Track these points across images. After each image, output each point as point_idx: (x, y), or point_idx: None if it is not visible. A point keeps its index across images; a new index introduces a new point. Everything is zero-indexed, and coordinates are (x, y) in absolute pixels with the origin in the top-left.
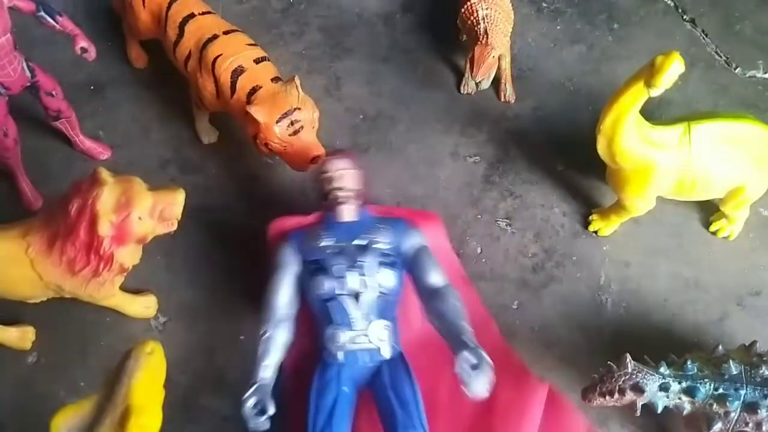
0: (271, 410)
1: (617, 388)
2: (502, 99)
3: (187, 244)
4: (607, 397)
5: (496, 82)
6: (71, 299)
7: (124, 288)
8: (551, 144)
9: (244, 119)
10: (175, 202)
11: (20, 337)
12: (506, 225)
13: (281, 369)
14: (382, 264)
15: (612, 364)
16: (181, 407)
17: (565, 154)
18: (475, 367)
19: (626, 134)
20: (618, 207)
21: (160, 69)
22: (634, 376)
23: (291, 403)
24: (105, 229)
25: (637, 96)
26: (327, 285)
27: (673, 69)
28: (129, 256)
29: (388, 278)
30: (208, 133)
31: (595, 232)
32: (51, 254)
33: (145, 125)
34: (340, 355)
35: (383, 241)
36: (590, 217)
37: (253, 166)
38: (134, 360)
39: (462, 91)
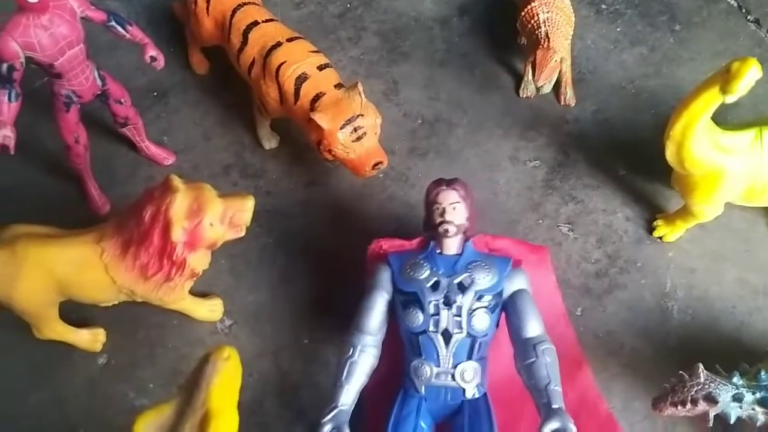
0: None
1: (689, 398)
2: (562, 102)
3: (250, 248)
4: (679, 407)
5: (556, 85)
6: (140, 303)
7: (190, 292)
8: (612, 147)
9: (308, 126)
10: (245, 208)
11: (91, 339)
12: (568, 230)
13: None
14: (479, 307)
15: (683, 373)
16: (248, 411)
17: (627, 158)
18: None
19: (697, 140)
20: (685, 212)
21: (221, 75)
22: (706, 386)
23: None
24: (178, 235)
25: (710, 102)
26: (419, 320)
27: (750, 75)
28: (200, 261)
29: (482, 321)
30: (269, 138)
31: (660, 238)
32: (124, 259)
33: (207, 130)
34: (422, 389)
35: (484, 282)
36: (654, 223)
37: (314, 171)
38: (212, 365)
39: (521, 95)
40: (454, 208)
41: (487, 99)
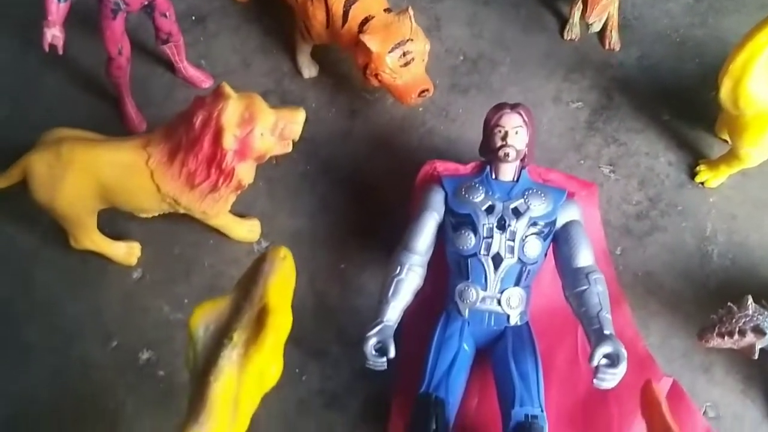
0: (392, 353)
1: (737, 329)
2: (607, 46)
3: (289, 173)
4: (726, 338)
5: (602, 29)
6: (177, 221)
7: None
8: (656, 93)
9: (355, 49)
10: (296, 120)
11: (127, 252)
12: (610, 171)
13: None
14: (532, 233)
15: (732, 305)
16: None
17: (671, 104)
18: (611, 364)
19: (755, 77)
20: (730, 157)
21: (260, 1)
22: (754, 318)
23: (405, 350)
24: (229, 142)
25: None
26: (471, 242)
27: None
28: (247, 173)
29: (534, 248)
30: (309, 66)
31: (702, 183)
32: (171, 166)
33: (246, 57)
34: (466, 312)
35: (539, 209)
36: (697, 168)
37: (353, 103)
38: (269, 263)
39: (565, 37)
40: (516, 133)
41: (531, 39)
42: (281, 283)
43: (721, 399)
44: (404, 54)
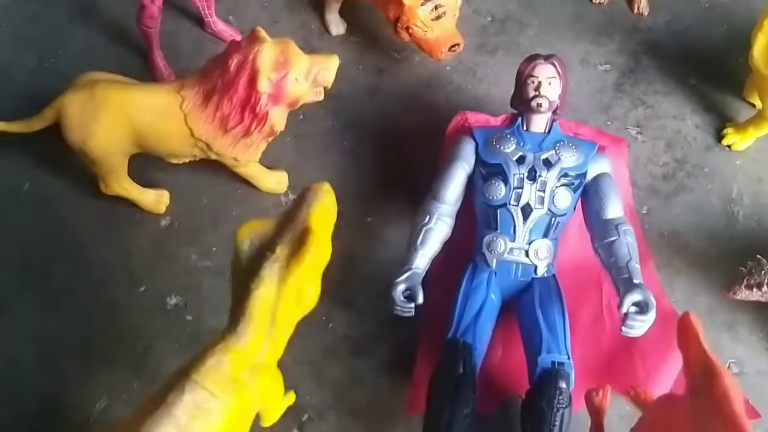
0: (420, 299)
1: (766, 281)
2: (635, 11)
3: (316, 129)
4: (754, 290)
5: None
6: (205, 171)
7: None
8: (684, 58)
9: (386, 2)
10: (330, 66)
11: (156, 200)
12: (637, 133)
13: None
14: (563, 184)
15: (761, 257)
16: None
17: (699, 69)
18: (640, 311)
19: None
20: (759, 119)
21: None
22: None
23: (432, 300)
24: (264, 85)
25: None
26: (501, 192)
27: None
28: (279, 118)
29: (564, 199)
30: (337, 24)
31: (729, 146)
32: (205, 109)
33: (274, 13)
34: (494, 263)
35: (570, 161)
36: (724, 131)
37: (380, 60)
38: (314, 193)
39: (594, 1)
40: (550, 83)
41: (560, 2)
42: (323, 211)
43: (745, 356)
44: (436, 8)
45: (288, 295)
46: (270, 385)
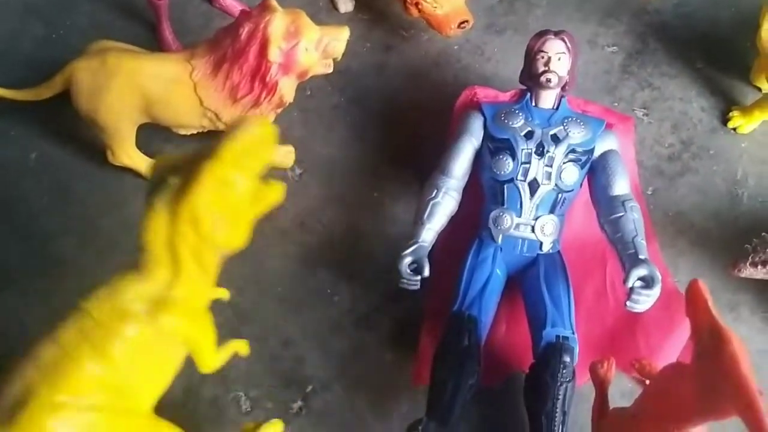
0: (426, 272)
1: None
2: None
3: (323, 104)
4: (759, 267)
5: None
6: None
7: None
8: (692, 41)
9: None
10: (340, 37)
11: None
12: (643, 115)
13: None
14: (570, 160)
15: (766, 235)
16: (317, 255)
17: (706, 52)
18: (645, 286)
19: None
20: (765, 102)
21: None
22: None
23: (438, 274)
24: (275, 54)
25: None
26: (509, 167)
27: None
28: (289, 89)
29: (571, 175)
30: (345, 1)
31: (734, 129)
32: (215, 78)
33: None
34: (500, 238)
35: (578, 137)
36: (730, 114)
37: (388, 38)
38: (240, 125)
39: None
40: (559, 59)
41: None
42: (242, 144)
43: (747, 336)
44: None
45: (181, 226)
46: (185, 325)
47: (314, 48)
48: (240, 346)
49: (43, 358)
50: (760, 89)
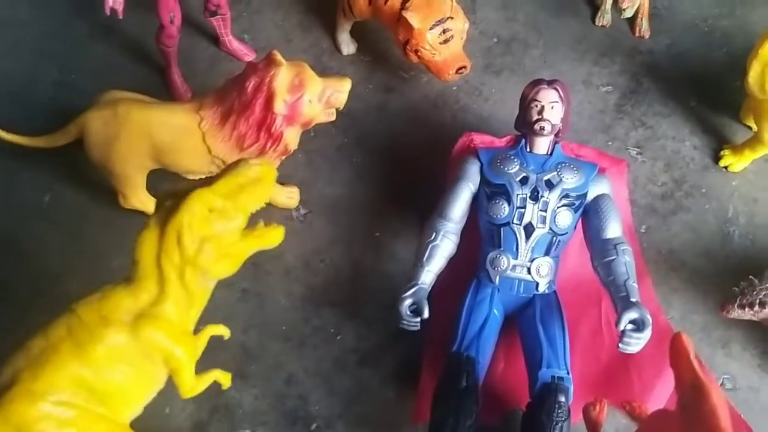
0: (426, 313)
1: (758, 301)
2: (637, 33)
3: (327, 145)
4: (746, 309)
5: (633, 16)
6: None
7: None
8: (684, 80)
9: (396, 25)
10: (342, 89)
11: None
12: (637, 153)
13: None
14: (564, 204)
15: (753, 278)
16: (321, 293)
17: (698, 91)
18: (636, 329)
19: None
20: (755, 142)
21: None
22: None
23: (437, 314)
24: (280, 107)
25: None
26: (505, 212)
27: None
28: (293, 138)
29: (565, 219)
30: (348, 44)
31: (726, 167)
32: (222, 129)
33: (288, 32)
34: (497, 279)
35: (571, 182)
36: (722, 152)
37: (389, 79)
38: (242, 162)
39: (597, 23)
40: (552, 108)
41: (564, 24)
42: (238, 179)
43: (739, 372)
44: (444, 31)
45: (167, 244)
46: (165, 342)
47: (317, 100)
48: (222, 377)
49: (32, 348)
50: (750, 127)
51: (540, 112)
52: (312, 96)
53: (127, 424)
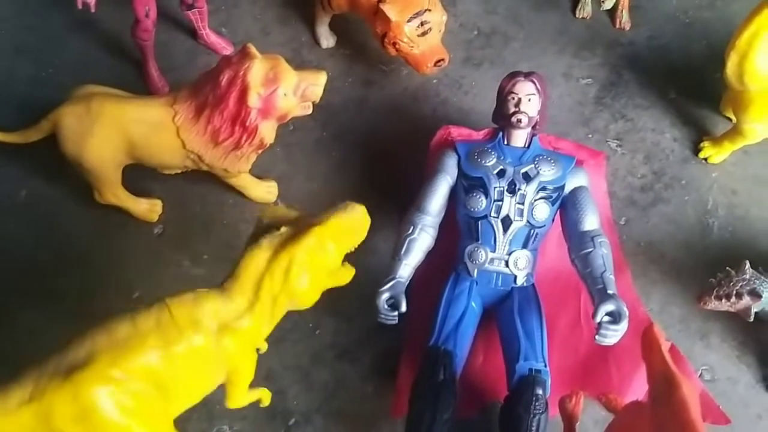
0: (403, 307)
1: (734, 292)
2: (617, 25)
3: (305, 139)
4: (723, 301)
5: (613, 8)
6: (198, 180)
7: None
8: (664, 72)
9: (374, 18)
10: (318, 82)
11: (149, 208)
12: (616, 146)
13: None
14: (541, 197)
15: (730, 269)
16: None
17: (678, 83)
18: (613, 321)
19: (761, 52)
20: (734, 133)
21: None
22: (751, 282)
23: (415, 308)
24: (254, 100)
25: None
26: (482, 205)
27: None
28: (268, 132)
29: (543, 212)
30: (327, 37)
31: (705, 159)
32: (197, 123)
33: (266, 26)
34: (475, 273)
35: (548, 174)
36: (701, 144)
37: (369, 72)
38: (344, 205)
39: (577, 15)
40: (530, 100)
41: (544, 16)
42: (343, 222)
43: (717, 363)
44: (422, 24)
45: (275, 269)
46: (238, 354)
47: (293, 93)
48: (264, 395)
49: (117, 332)
50: (730, 119)
51: (517, 105)
52: (287, 89)
53: (172, 424)
